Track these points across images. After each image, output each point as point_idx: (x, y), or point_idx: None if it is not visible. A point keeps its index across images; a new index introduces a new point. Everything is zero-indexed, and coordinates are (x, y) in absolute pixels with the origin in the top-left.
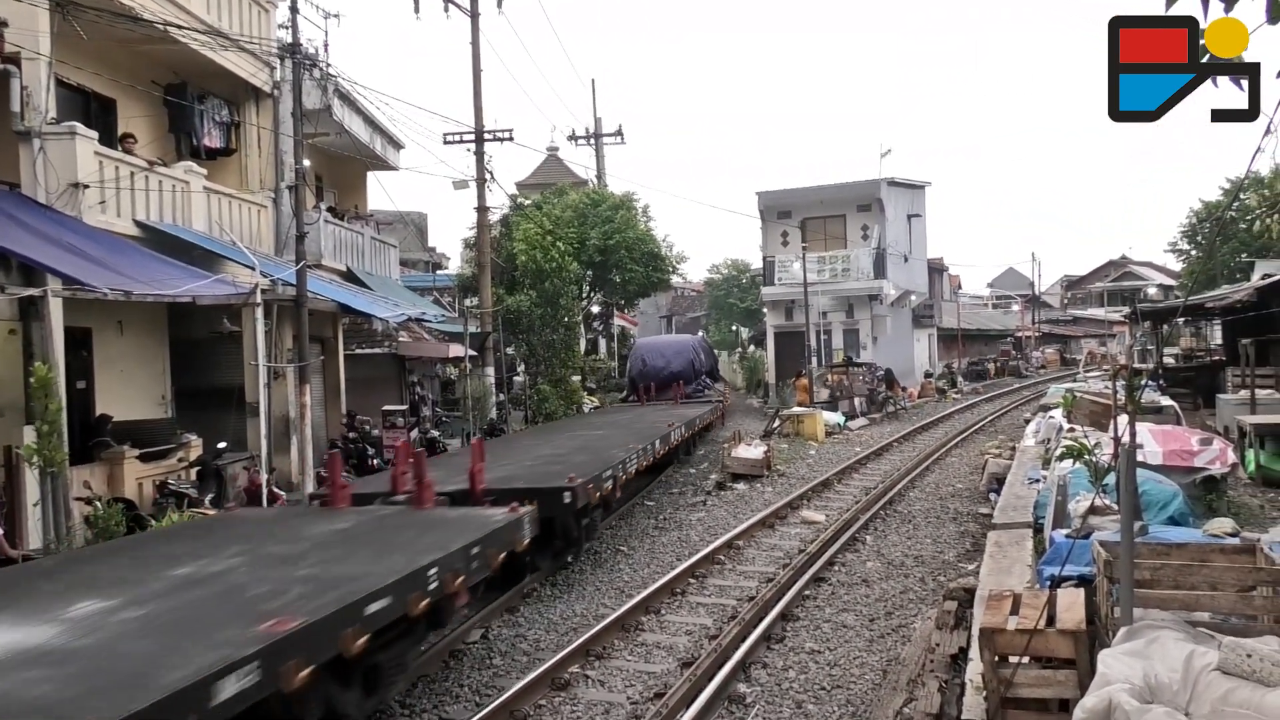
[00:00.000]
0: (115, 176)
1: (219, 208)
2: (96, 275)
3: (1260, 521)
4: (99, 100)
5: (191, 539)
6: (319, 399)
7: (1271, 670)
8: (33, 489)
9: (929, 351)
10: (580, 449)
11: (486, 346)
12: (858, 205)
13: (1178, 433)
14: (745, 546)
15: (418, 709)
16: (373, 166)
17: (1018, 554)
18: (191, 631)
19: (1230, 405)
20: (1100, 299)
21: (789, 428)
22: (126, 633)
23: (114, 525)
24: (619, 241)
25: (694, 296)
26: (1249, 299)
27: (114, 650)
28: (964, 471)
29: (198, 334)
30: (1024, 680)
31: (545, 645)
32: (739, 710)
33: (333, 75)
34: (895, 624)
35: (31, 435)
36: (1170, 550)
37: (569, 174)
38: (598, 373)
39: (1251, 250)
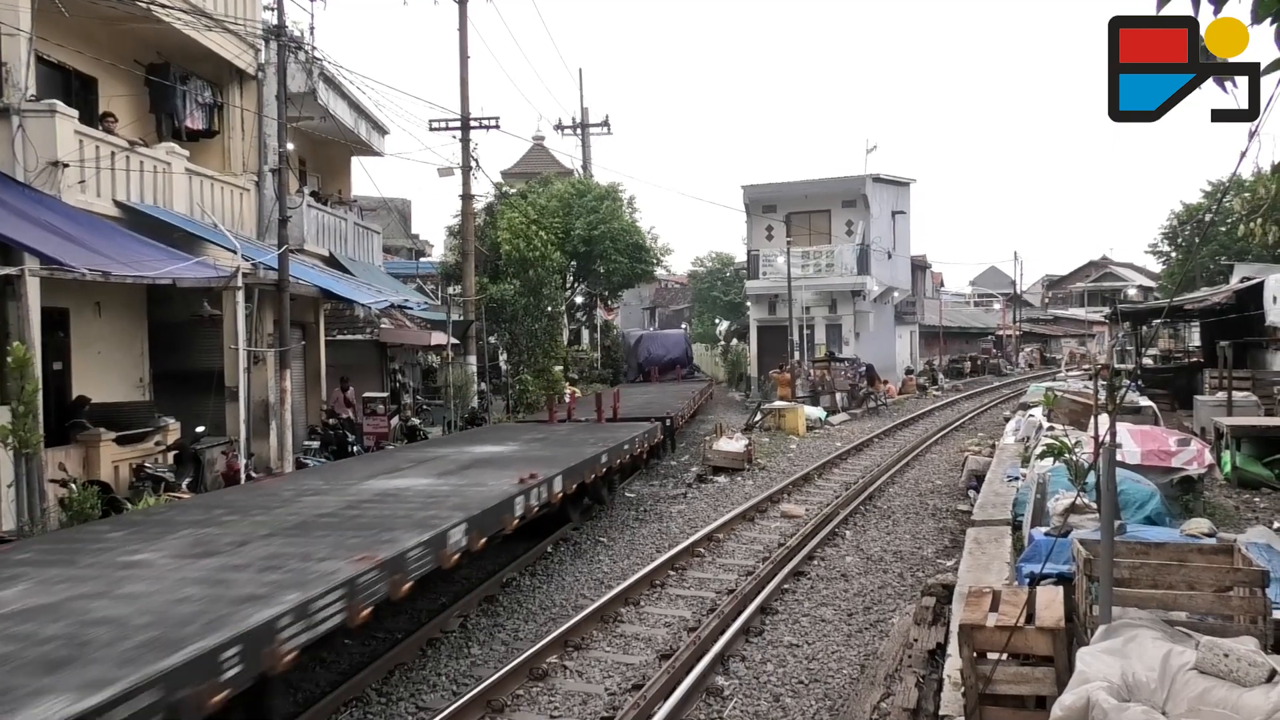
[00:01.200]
0: (95, 156)
1: (201, 190)
2: (75, 255)
3: (1236, 522)
4: (80, 78)
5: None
6: (299, 384)
7: (1248, 670)
8: (7, 470)
9: (911, 348)
10: (652, 401)
11: (469, 335)
12: (843, 201)
13: (1156, 433)
14: (725, 539)
15: (395, 697)
16: (357, 152)
17: (997, 551)
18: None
19: (1207, 406)
20: (1081, 299)
21: (770, 421)
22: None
23: (89, 508)
24: (603, 232)
25: (678, 289)
26: (1227, 302)
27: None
28: (944, 468)
29: (178, 317)
30: (1002, 677)
31: (524, 635)
32: (717, 703)
33: (318, 59)
34: (873, 619)
35: (6, 416)
36: (1149, 549)
37: (555, 163)
38: (580, 363)
39: (1231, 253)
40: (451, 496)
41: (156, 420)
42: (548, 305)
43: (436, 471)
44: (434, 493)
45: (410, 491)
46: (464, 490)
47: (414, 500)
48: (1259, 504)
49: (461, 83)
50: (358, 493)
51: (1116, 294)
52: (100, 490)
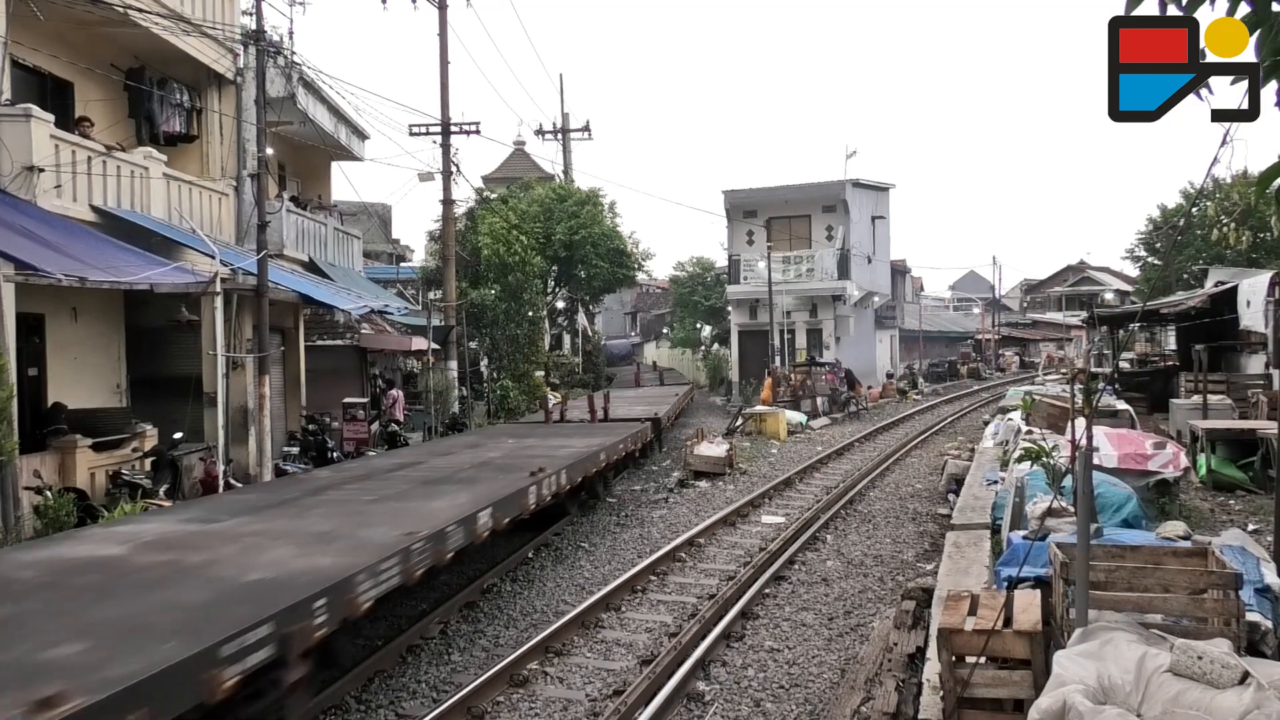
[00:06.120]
0: (72, 160)
1: (179, 195)
2: (50, 260)
3: (1211, 524)
4: (56, 82)
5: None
6: (278, 390)
7: (1221, 672)
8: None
9: (891, 352)
10: (640, 402)
11: (450, 340)
12: (823, 206)
13: (1132, 436)
14: (706, 544)
15: (374, 704)
16: (337, 157)
17: (976, 555)
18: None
19: (1183, 410)
20: (1059, 303)
21: (751, 426)
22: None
23: (64, 515)
24: (584, 237)
25: (659, 294)
26: (1202, 305)
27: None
28: (923, 472)
29: (155, 322)
30: (980, 680)
31: (504, 641)
32: (698, 708)
33: (297, 63)
34: (854, 623)
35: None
36: (1125, 553)
37: (536, 168)
38: (561, 368)
39: (1208, 258)
40: (476, 485)
41: (133, 426)
42: (529, 310)
43: (450, 468)
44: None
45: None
46: (482, 480)
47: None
48: (1234, 506)
49: (442, 88)
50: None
51: (1094, 298)
52: (76, 497)
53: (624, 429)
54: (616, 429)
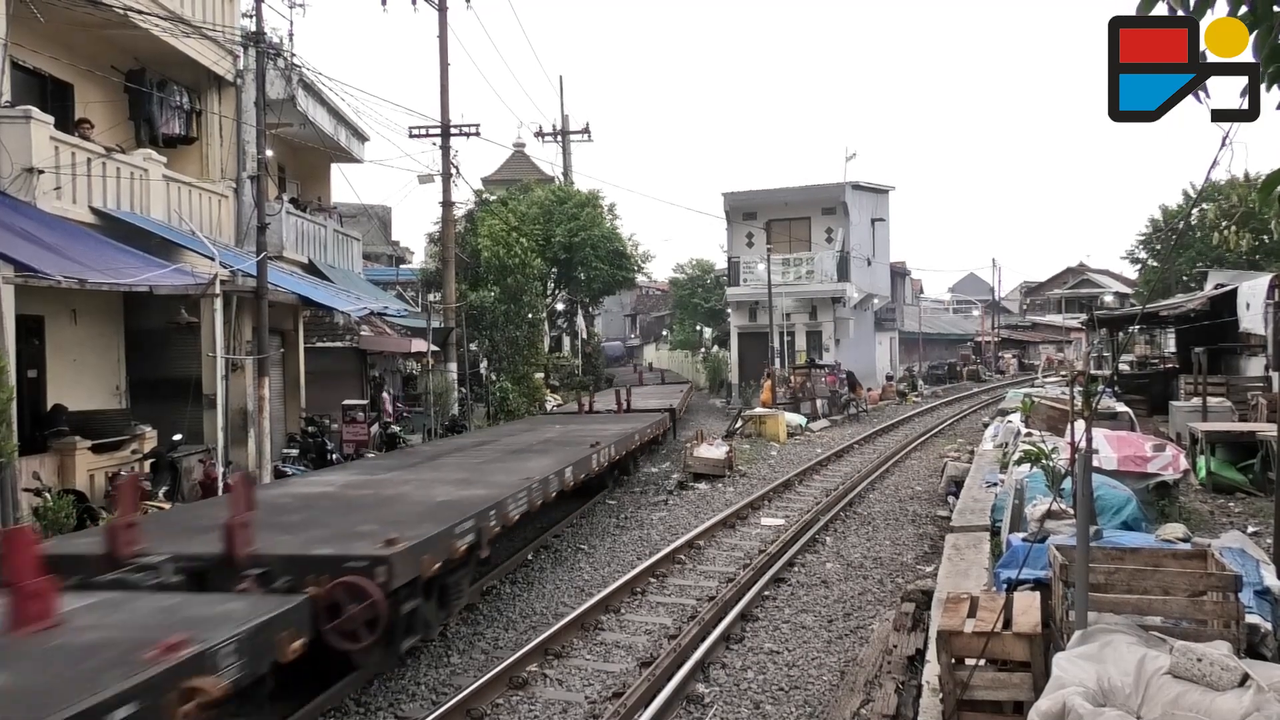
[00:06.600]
0: (71, 162)
1: (179, 196)
2: (50, 262)
3: (1210, 527)
4: (56, 84)
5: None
6: (278, 392)
7: (1221, 674)
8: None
9: (890, 354)
10: (653, 397)
11: (449, 342)
12: (822, 208)
13: (1132, 438)
14: (706, 546)
15: (373, 707)
16: (337, 159)
17: (975, 557)
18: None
19: (1182, 412)
20: (1058, 306)
21: (751, 428)
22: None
23: (63, 517)
24: (584, 239)
25: (659, 295)
26: (1202, 308)
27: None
28: (923, 474)
29: (155, 324)
30: (980, 682)
31: (503, 643)
32: (697, 710)
33: (297, 65)
34: (853, 625)
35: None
36: (1124, 555)
37: (535, 170)
38: (561, 370)
39: (1208, 260)
40: (551, 453)
41: (133, 428)
42: (528, 312)
43: (524, 444)
44: (534, 448)
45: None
46: (553, 451)
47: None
48: (1233, 508)
49: (442, 90)
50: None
51: (1093, 301)
52: (75, 499)
53: (647, 416)
54: (641, 416)
